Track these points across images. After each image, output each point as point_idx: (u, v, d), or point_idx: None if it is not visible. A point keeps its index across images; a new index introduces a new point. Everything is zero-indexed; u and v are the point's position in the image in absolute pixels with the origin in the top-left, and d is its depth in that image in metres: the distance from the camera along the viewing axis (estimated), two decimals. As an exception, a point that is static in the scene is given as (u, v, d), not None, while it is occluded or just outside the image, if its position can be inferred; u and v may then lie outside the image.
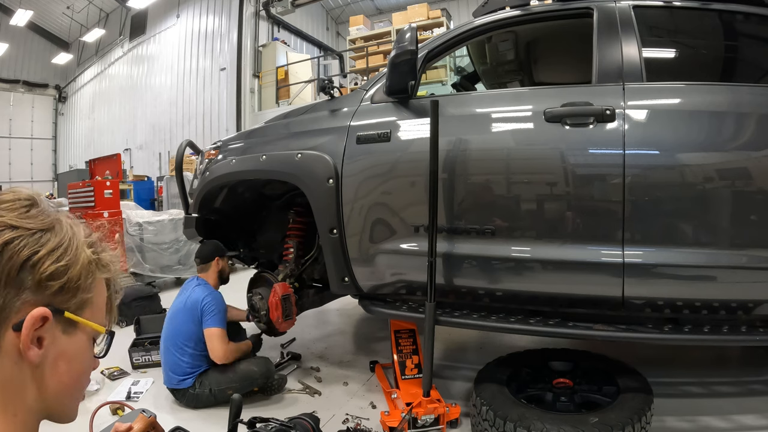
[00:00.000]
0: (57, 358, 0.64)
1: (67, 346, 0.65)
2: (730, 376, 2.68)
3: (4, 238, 0.60)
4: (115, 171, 9.67)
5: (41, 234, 0.63)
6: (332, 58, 13.62)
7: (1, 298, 0.59)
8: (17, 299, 0.60)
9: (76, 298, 0.65)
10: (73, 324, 0.66)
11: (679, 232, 1.90)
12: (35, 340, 0.61)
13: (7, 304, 0.60)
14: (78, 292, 0.65)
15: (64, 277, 0.63)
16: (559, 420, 1.78)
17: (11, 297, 0.60)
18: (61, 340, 0.64)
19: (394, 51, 2.14)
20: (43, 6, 15.11)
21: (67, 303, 0.65)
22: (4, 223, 0.61)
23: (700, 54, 2.51)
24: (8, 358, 0.60)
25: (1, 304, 0.59)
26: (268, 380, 2.58)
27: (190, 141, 3.38)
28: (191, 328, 2.53)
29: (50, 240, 0.63)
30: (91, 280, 0.68)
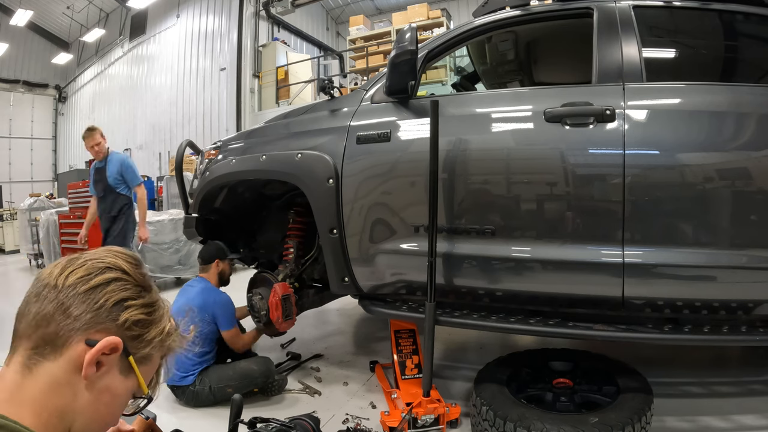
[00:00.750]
0: (104, 389, 0.72)
1: (117, 384, 0.74)
2: (730, 376, 2.68)
3: (115, 275, 0.74)
4: (115, 171, 9.66)
5: (141, 289, 0.77)
6: (332, 58, 13.62)
7: (92, 314, 0.70)
8: (102, 324, 0.71)
9: (144, 351, 0.76)
10: (130, 370, 0.75)
11: (679, 232, 1.90)
12: (97, 361, 0.70)
13: (93, 321, 0.70)
14: (147, 347, 0.76)
15: (145, 328, 0.75)
16: (559, 420, 1.78)
17: (98, 319, 0.71)
18: (115, 376, 0.73)
19: (394, 51, 2.14)
20: (43, 6, 15.11)
21: (136, 351, 0.75)
22: (119, 266, 0.75)
23: (700, 54, 2.51)
24: (68, 364, 0.69)
25: (89, 318, 0.70)
26: (267, 380, 2.58)
27: (190, 141, 3.38)
28: (200, 327, 2.55)
29: (146, 297, 0.77)
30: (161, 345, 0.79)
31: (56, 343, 0.69)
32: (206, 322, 2.58)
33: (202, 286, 2.71)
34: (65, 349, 0.69)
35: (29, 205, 8.58)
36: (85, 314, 0.70)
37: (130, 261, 0.78)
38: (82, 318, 0.70)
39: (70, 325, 0.69)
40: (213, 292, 2.70)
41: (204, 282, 2.75)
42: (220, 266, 2.80)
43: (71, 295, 0.70)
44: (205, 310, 2.59)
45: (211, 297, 2.66)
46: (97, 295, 0.71)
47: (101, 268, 0.73)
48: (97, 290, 0.71)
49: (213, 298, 2.66)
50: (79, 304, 0.70)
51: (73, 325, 0.69)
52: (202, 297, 2.64)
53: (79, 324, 0.69)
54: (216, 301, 2.65)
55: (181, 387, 2.52)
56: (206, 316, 2.59)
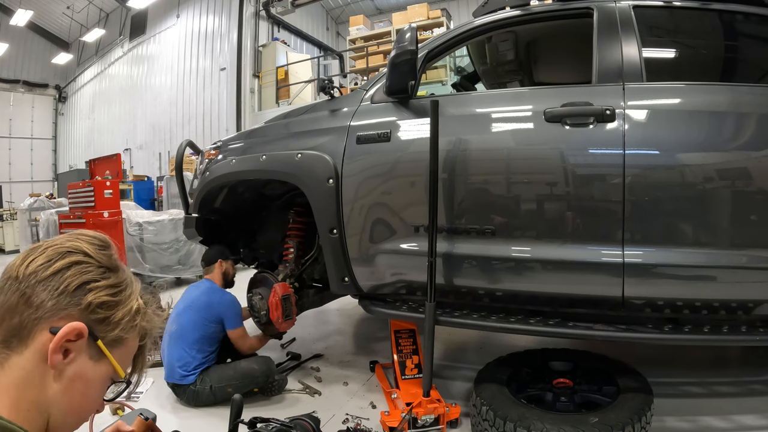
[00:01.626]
0: (76, 377, 0.71)
1: (88, 370, 0.72)
2: (730, 376, 2.67)
3: (75, 258, 0.72)
4: (115, 171, 9.64)
5: (105, 270, 0.74)
6: (332, 58, 13.61)
7: (54, 300, 0.68)
8: (64, 309, 0.69)
9: (113, 334, 0.74)
10: (101, 355, 0.73)
11: (679, 232, 1.90)
12: (63, 349, 0.68)
13: (55, 308, 0.68)
14: (117, 329, 0.74)
15: (110, 310, 0.73)
16: (559, 420, 1.78)
17: (60, 305, 0.69)
18: (85, 362, 0.72)
19: (394, 51, 2.14)
20: (43, 6, 15.11)
21: (104, 334, 0.73)
22: (80, 249, 0.73)
23: (700, 54, 2.51)
24: (35, 355, 0.67)
25: (51, 306, 0.68)
26: (268, 379, 2.58)
27: (190, 141, 3.38)
28: (205, 326, 2.57)
29: (110, 278, 0.75)
30: (132, 326, 0.76)
31: (22, 335, 0.68)
32: (211, 322, 2.59)
33: (208, 286, 2.73)
34: (30, 340, 0.68)
35: (29, 205, 8.58)
36: (46, 302, 0.68)
37: (93, 242, 0.76)
38: (44, 306, 0.68)
39: (33, 314, 0.68)
40: (218, 292, 2.71)
41: (209, 283, 2.76)
42: (223, 266, 2.82)
43: (32, 284, 0.68)
44: (210, 309, 2.60)
45: (217, 297, 2.67)
46: (58, 280, 0.69)
47: (62, 253, 0.72)
48: (58, 275, 0.69)
49: (219, 297, 2.67)
50: (40, 292, 0.68)
51: (36, 314, 0.68)
52: (207, 296, 2.66)
53: (41, 312, 0.68)
54: (222, 301, 2.66)
55: (182, 386, 2.52)
56: (211, 316, 2.60)
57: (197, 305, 2.62)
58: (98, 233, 0.79)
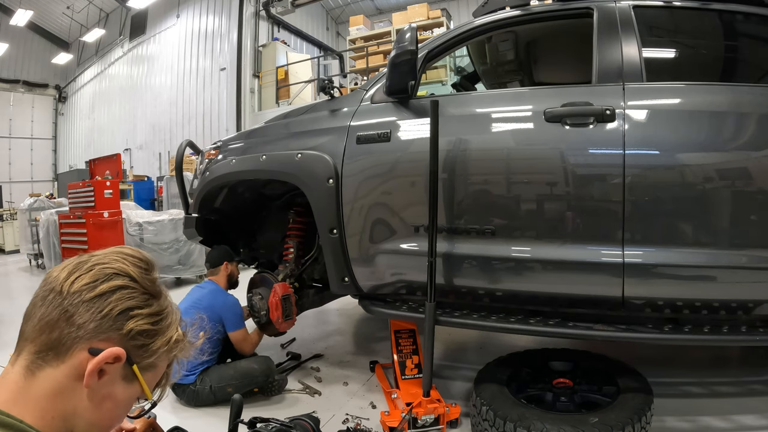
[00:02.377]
0: (107, 396, 0.72)
1: (119, 391, 0.73)
2: (730, 376, 2.68)
3: (122, 282, 0.72)
4: (115, 171, 9.64)
5: (149, 297, 0.75)
6: (332, 58, 13.60)
7: (96, 323, 0.69)
8: (105, 333, 0.70)
9: (148, 361, 0.75)
10: (134, 378, 0.74)
11: (679, 232, 1.90)
12: (99, 371, 0.69)
13: (96, 330, 0.69)
14: (152, 357, 0.75)
15: (150, 339, 0.74)
16: (559, 420, 1.78)
17: (102, 328, 0.70)
18: (118, 384, 0.73)
19: (394, 51, 2.14)
20: (43, 6, 15.10)
21: (140, 360, 0.74)
22: (126, 272, 0.73)
23: (700, 54, 2.51)
24: (71, 371, 0.68)
25: (92, 327, 0.69)
26: (268, 379, 2.58)
27: (190, 141, 3.37)
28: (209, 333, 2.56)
29: (153, 305, 0.75)
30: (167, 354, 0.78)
31: (59, 350, 0.68)
32: (213, 324, 2.60)
33: (211, 288, 2.74)
34: (68, 357, 0.68)
35: (29, 205, 8.57)
36: (89, 323, 0.69)
37: (139, 266, 0.76)
38: (86, 327, 0.69)
39: (74, 333, 0.68)
40: (221, 294, 2.73)
41: (213, 284, 2.77)
42: (229, 268, 2.84)
43: (75, 303, 0.69)
44: (212, 311, 2.61)
45: (219, 300, 2.68)
46: (102, 303, 0.70)
47: (108, 275, 0.72)
48: (102, 298, 0.70)
49: (221, 300, 2.68)
50: (84, 313, 0.69)
51: (77, 333, 0.68)
52: (210, 299, 2.67)
53: (82, 332, 0.68)
54: (224, 304, 2.67)
55: (181, 386, 2.52)
56: (213, 318, 2.61)
57: (200, 306, 2.62)
58: (143, 254, 0.79)
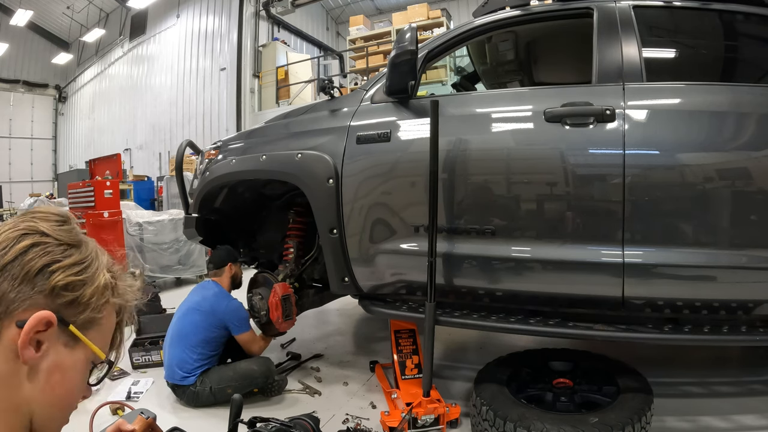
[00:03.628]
0: (53, 367, 0.65)
1: (65, 358, 0.66)
2: (730, 376, 2.67)
3: (32, 240, 0.65)
4: (115, 171, 9.65)
5: (66, 247, 0.67)
6: (332, 58, 13.61)
7: (14, 292, 0.62)
8: (28, 299, 0.62)
9: (84, 315, 0.67)
10: (76, 339, 0.67)
11: (679, 232, 1.90)
12: (35, 342, 0.62)
13: (18, 299, 0.62)
14: (87, 310, 0.67)
15: (77, 291, 0.66)
16: (559, 420, 1.78)
17: (23, 295, 0.62)
18: (60, 351, 0.65)
19: (394, 51, 2.14)
20: (43, 6, 15.10)
21: (75, 317, 0.66)
22: (35, 229, 0.66)
23: (700, 54, 2.51)
24: (5, 352, 0.61)
25: (13, 297, 0.62)
26: (267, 380, 2.58)
27: (190, 141, 3.38)
28: (208, 330, 2.57)
29: (73, 255, 0.67)
30: (103, 303, 0.69)
31: None
32: (215, 327, 2.59)
33: (215, 291, 2.70)
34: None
35: (29, 205, 8.57)
36: (8, 293, 0.61)
37: (50, 219, 0.68)
38: (6, 298, 0.61)
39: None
40: (224, 298, 2.69)
41: (216, 286, 2.74)
42: (233, 269, 2.82)
43: None
44: (214, 315, 2.59)
45: (222, 304, 2.65)
46: (16, 268, 0.62)
47: (16, 237, 0.64)
48: (15, 263, 0.62)
49: (224, 305, 2.65)
50: (1, 284, 0.62)
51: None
52: (213, 302, 2.64)
53: (4, 306, 0.61)
54: (227, 308, 2.64)
55: (181, 387, 2.52)
56: (216, 321, 2.59)
57: (203, 308, 2.61)
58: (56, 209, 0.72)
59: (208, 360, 2.56)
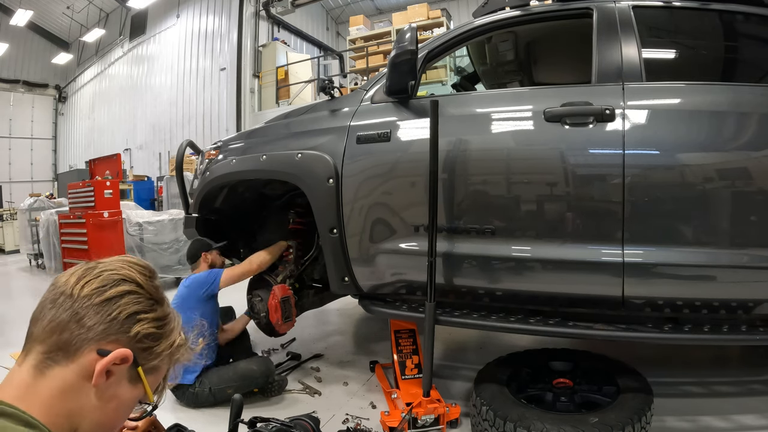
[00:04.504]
0: (112, 396, 0.75)
1: (124, 392, 0.77)
2: (730, 376, 2.67)
3: (129, 288, 0.76)
4: (115, 171, 9.64)
5: (154, 302, 0.79)
6: (332, 58, 13.60)
7: (105, 325, 0.73)
8: (114, 334, 0.74)
9: (152, 363, 0.79)
10: (138, 380, 0.78)
11: (679, 231, 1.90)
12: (107, 371, 0.72)
13: (105, 332, 0.73)
14: (156, 359, 0.79)
15: (155, 341, 0.78)
16: (559, 420, 1.78)
17: (111, 330, 0.73)
18: (123, 385, 0.76)
19: (394, 51, 2.14)
20: (43, 6, 15.09)
21: (145, 362, 0.78)
22: (133, 278, 0.78)
23: (699, 54, 2.51)
24: (79, 371, 0.72)
25: (101, 330, 0.73)
26: (267, 380, 2.58)
27: (191, 141, 3.38)
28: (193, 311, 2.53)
29: (158, 310, 0.80)
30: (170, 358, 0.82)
31: (69, 350, 0.72)
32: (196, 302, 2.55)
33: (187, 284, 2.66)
34: (77, 357, 0.72)
35: (29, 205, 8.57)
36: (98, 325, 0.72)
37: (144, 273, 0.80)
38: (96, 329, 0.72)
39: (84, 334, 0.72)
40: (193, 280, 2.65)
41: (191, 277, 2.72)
42: (208, 259, 2.79)
43: (86, 306, 0.73)
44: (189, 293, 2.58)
45: (189, 280, 2.64)
46: (111, 307, 0.74)
47: (116, 280, 0.76)
48: (111, 302, 0.74)
49: (191, 279, 2.64)
50: (93, 315, 0.72)
51: (87, 335, 0.72)
52: (185, 285, 2.63)
53: (92, 334, 0.72)
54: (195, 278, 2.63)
55: (181, 387, 2.52)
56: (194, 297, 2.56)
57: (180, 296, 2.59)
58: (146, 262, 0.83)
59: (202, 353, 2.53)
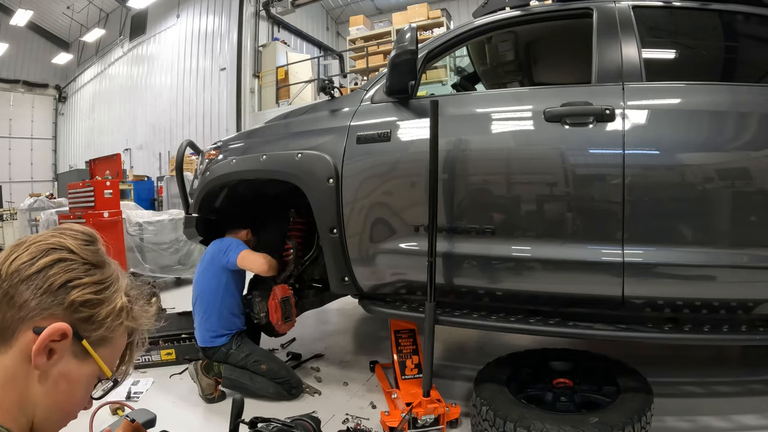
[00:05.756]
0: (60, 377, 0.69)
1: (73, 370, 0.71)
2: (730, 376, 2.67)
3: (58, 255, 0.70)
4: (115, 171, 9.66)
5: (90, 267, 0.72)
6: (332, 58, 13.61)
7: (36, 300, 0.67)
8: (48, 309, 0.67)
9: (98, 333, 0.72)
10: (87, 354, 0.71)
11: (679, 231, 1.90)
12: (47, 350, 0.67)
13: (38, 308, 0.67)
14: (101, 328, 0.72)
15: (94, 309, 0.71)
16: (559, 420, 1.78)
17: (44, 305, 0.67)
18: (70, 362, 0.70)
19: (394, 51, 2.14)
20: (43, 6, 15.10)
21: (89, 333, 0.71)
22: (64, 245, 0.71)
23: (699, 54, 2.51)
24: (19, 355, 0.66)
25: (34, 305, 0.67)
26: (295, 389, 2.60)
27: (191, 141, 3.37)
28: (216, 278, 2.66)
29: (95, 275, 0.72)
30: (117, 324, 0.74)
31: (5, 335, 0.66)
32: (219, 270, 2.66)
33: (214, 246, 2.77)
34: (14, 341, 0.66)
35: (29, 205, 8.57)
36: (30, 301, 0.66)
37: (78, 237, 0.74)
38: (28, 305, 0.66)
39: (16, 314, 0.66)
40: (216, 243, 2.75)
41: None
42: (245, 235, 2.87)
43: (15, 283, 0.67)
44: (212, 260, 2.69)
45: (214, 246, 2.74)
46: (41, 279, 0.67)
47: (45, 250, 0.70)
48: (41, 274, 0.68)
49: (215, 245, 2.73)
50: (24, 291, 0.67)
51: (19, 314, 0.66)
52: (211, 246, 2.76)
53: (24, 312, 0.66)
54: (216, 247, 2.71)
55: (211, 348, 2.61)
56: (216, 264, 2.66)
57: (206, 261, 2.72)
58: (85, 227, 0.77)
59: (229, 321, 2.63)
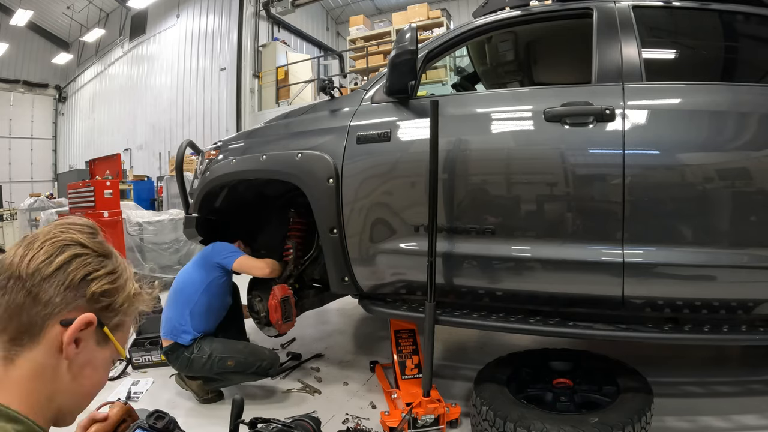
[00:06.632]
0: (86, 363, 0.76)
1: (96, 355, 0.77)
2: (730, 376, 2.67)
3: (75, 251, 0.75)
4: (115, 171, 9.68)
5: (102, 258, 0.78)
6: (332, 58, 13.61)
7: (60, 296, 0.72)
8: (72, 302, 0.73)
9: (116, 319, 0.79)
10: (106, 339, 0.78)
11: (679, 231, 1.90)
12: (75, 339, 0.72)
13: (63, 302, 0.72)
14: (118, 315, 0.79)
15: (112, 297, 0.77)
16: (559, 420, 1.78)
17: (68, 299, 0.72)
18: (93, 348, 0.76)
19: (394, 51, 2.14)
20: (43, 6, 15.11)
21: (108, 320, 0.77)
22: (77, 240, 0.76)
23: (699, 54, 2.51)
24: (48, 348, 0.71)
25: (59, 301, 0.71)
26: (271, 369, 2.51)
27: (191, 141, 3.37)
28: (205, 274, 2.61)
29: (108, 265, 0.78)
30: (132, 309, 0.81)
31: (33, 331, 0.71)
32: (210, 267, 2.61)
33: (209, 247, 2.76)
34: (42, 335, 0.71)
35: (29, 205, 8.58)
36: (54, 297, 0.71)
37: (85, 231, 0.78)
38: (53, 301, 0.71)
39: (42, 311, 0.71)
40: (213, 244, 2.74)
41: None
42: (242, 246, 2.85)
43: (37, 282, 0.71)
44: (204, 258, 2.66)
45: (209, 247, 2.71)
46: (62, 275, 0.72)
47: (60, 247, 0.74)
48: (61, 271, 0.72)
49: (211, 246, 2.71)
50: (48, 289, 0.71)
51: (46, 310, 0.71)
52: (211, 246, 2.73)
53: (51, 308, 0.71)
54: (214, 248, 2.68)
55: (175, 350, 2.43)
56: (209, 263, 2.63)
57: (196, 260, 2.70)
58: (85, 219, 0.82)
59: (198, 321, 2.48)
